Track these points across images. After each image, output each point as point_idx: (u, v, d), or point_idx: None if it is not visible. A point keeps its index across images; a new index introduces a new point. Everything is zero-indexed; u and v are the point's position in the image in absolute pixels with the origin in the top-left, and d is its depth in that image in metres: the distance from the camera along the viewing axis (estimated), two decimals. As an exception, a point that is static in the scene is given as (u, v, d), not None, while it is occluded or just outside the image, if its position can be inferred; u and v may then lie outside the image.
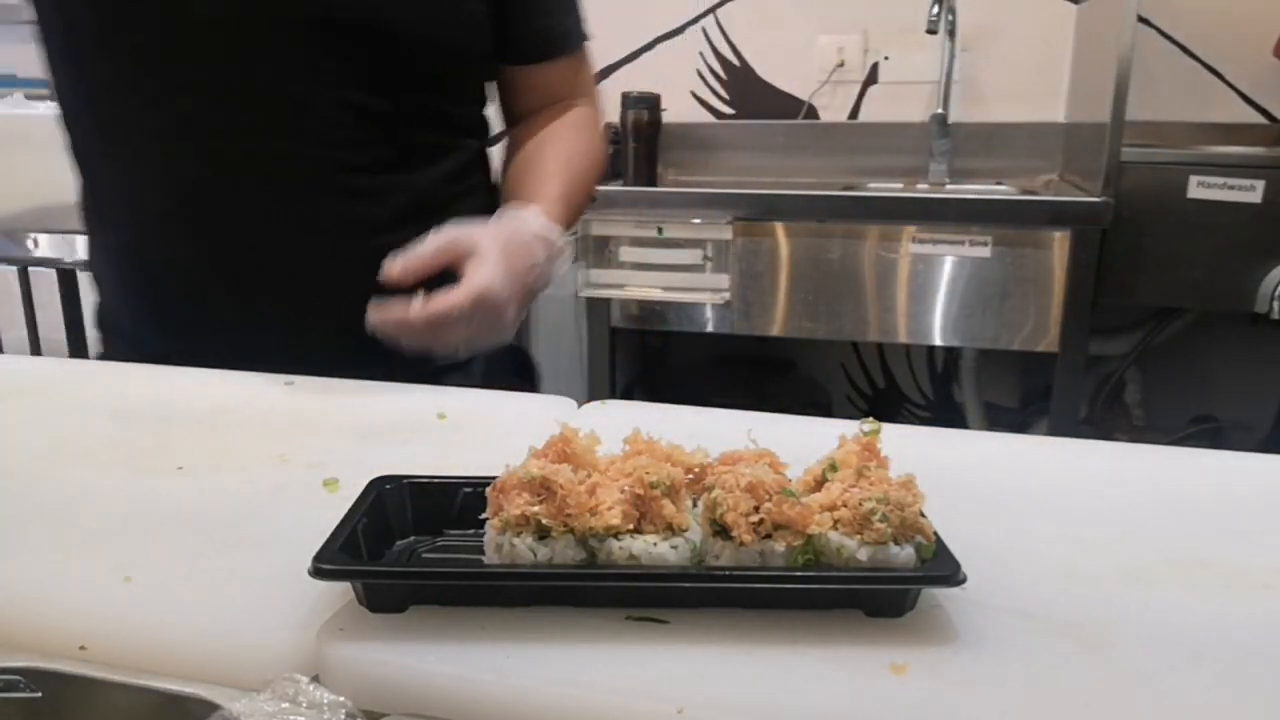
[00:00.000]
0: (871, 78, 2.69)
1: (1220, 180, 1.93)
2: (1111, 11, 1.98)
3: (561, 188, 1.06)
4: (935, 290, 2.14)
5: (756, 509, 0.51)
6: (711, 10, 2.76)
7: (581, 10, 1.15)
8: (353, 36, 0.96)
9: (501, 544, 0.51)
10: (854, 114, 2.72)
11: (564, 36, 1.14)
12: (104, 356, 1.16)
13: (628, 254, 2.29)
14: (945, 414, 2.75)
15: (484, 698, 0.47)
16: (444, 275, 0.89)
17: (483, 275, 0.87)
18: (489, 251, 0.90)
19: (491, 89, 1.15)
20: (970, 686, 0.47)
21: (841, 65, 2.69)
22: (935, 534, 0.52)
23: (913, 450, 0.59)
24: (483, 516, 0.53)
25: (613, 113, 2.62)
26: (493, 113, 1.16)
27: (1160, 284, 2.04)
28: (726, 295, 2.25)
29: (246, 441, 0.76)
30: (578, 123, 1.15)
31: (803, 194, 2.26)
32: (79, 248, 2.07)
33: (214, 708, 0.46)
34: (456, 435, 0.79)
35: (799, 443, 0.60)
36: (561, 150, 1.12)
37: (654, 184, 2.54)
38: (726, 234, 2.22)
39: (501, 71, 1.13)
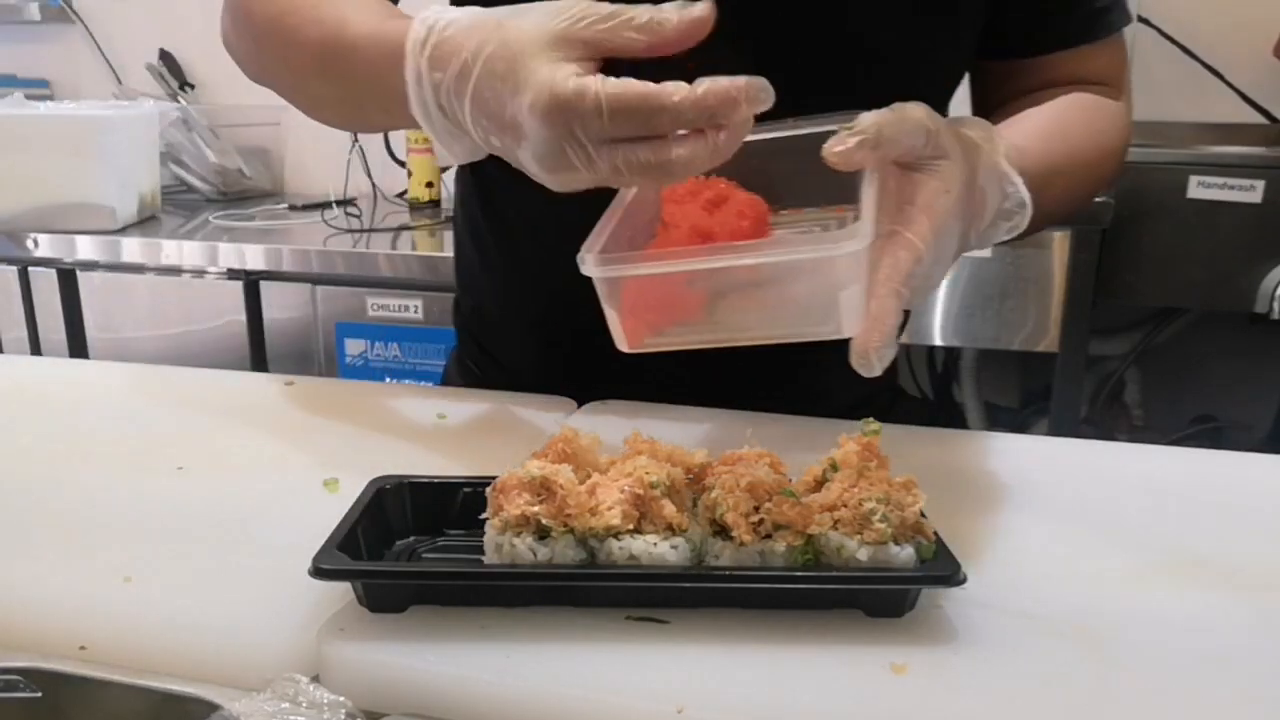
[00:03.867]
0: (871, 78, 2.69)
1: (1220, 180, 1.93)
2: (1111, 11, 1.97)
3: (1044, 139, 0.78)
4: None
5: (756, 509, 0.52)
6: (711, 10, 2.76)
7: None
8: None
9: (501, 544, 0.51)
10: (854, 114, 2.72)
11: (1078, 21, 0.86)
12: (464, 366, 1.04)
13: (628, 254, 2.29)
14: (945, 414, 2.75)
15: (484, 698, 0.47)
16: None
17: (943, 205, 0.61)
18: (953, 178, 0.63)
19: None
20: (970, 686, 0.47)
21: (842, 65, 2.69)
22: (935, 534, 0.52)
23: (913, 450, 0.59)
24: (483, 516, 0.53)
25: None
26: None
27: (1160, 284, 2.03)
28: (726, 295, 2.24)
29: (246, 441, 0.76)
30: (1084, 100, 0.86)
31: (803, 194, 2.25)
32: (79, 248, 2.08)
33: (214, 708, 0.46)
34: (456, 435, 0.79)
35: (799, 443, 0.60)
36: (1056, 112, 0.83)
37: (654, 184, 2.54)
38: (726, 234, 2.21)
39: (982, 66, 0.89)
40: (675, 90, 0.54)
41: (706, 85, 0.54)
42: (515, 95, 0.56)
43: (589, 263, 0.56)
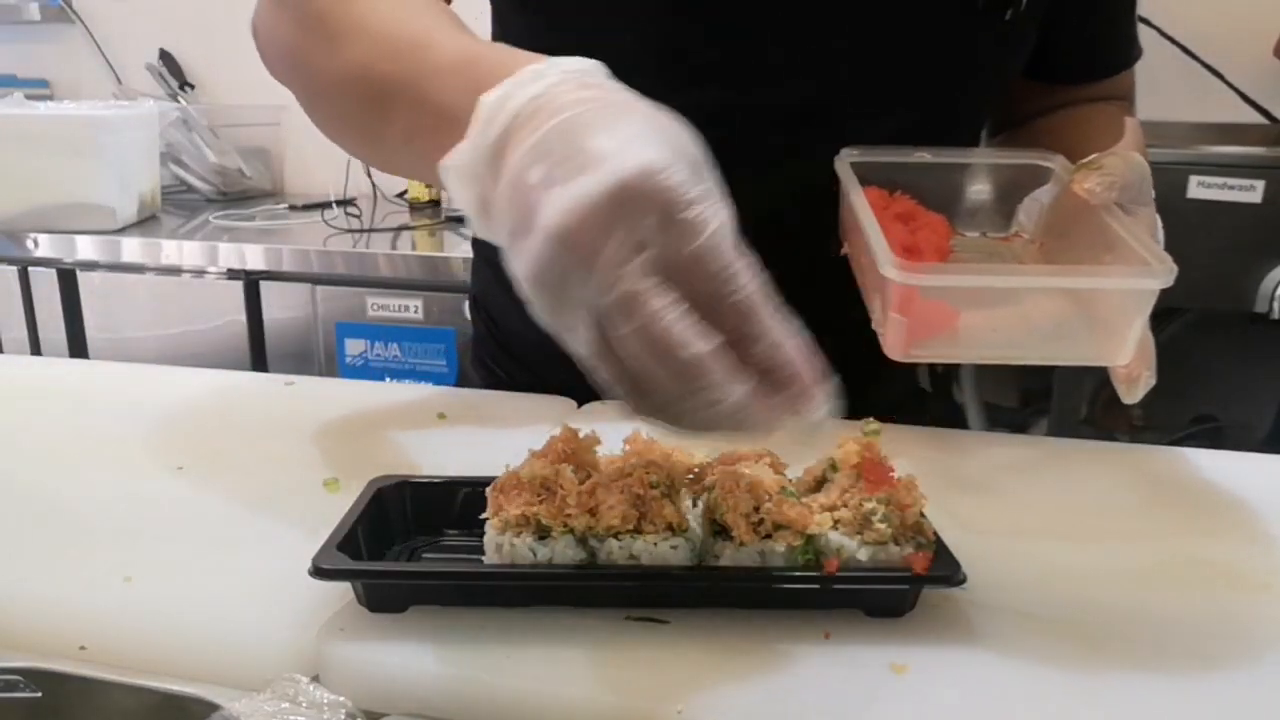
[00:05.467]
0: (871, 78, 2.69)
1: (1220, 180, 1.93)
2: (1111, 11, 1.97)
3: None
4: (935, 290, 2.13)
5: (756, 509, 0.52)
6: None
7: (1135, 18, 0.92)
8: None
9: (501, 544, 0.51)
10: (854, 114, 2.72)
11: (1114, 54, 0.92)
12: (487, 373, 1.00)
13: (628, 254, 2.28)
14: (945, 414, 2.74)
15: (484, 698, 0.47)
16: None
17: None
18: (1153, 223, 0.68)
19: None
20: (970, 686, 0.47)
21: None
22: (935, 534, 0.52)
23: (913, 450, 0.59)
24: (483, 516, 0.53)
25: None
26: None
27: (1160, 284, 2.03)
28: (727, 295, 2.24)
29: (246, 441, 0.76)
30: (1113, 111, 0.90)
31: (803, 194, 2.25)
32: (79, 248, 2.08)
33: (214, 708, 0.46)
34: (456, 435, 0.79)
35: (799, 443, 0.60)
36: (1110, 126, 0.86)
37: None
38: (726, 234, 2.21)
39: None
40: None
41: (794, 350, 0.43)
42: (581, 164, 0.41)
43: (893, 267, 0.55)
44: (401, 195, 2.38)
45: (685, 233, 0.41)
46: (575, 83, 0.47)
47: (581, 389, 0.86)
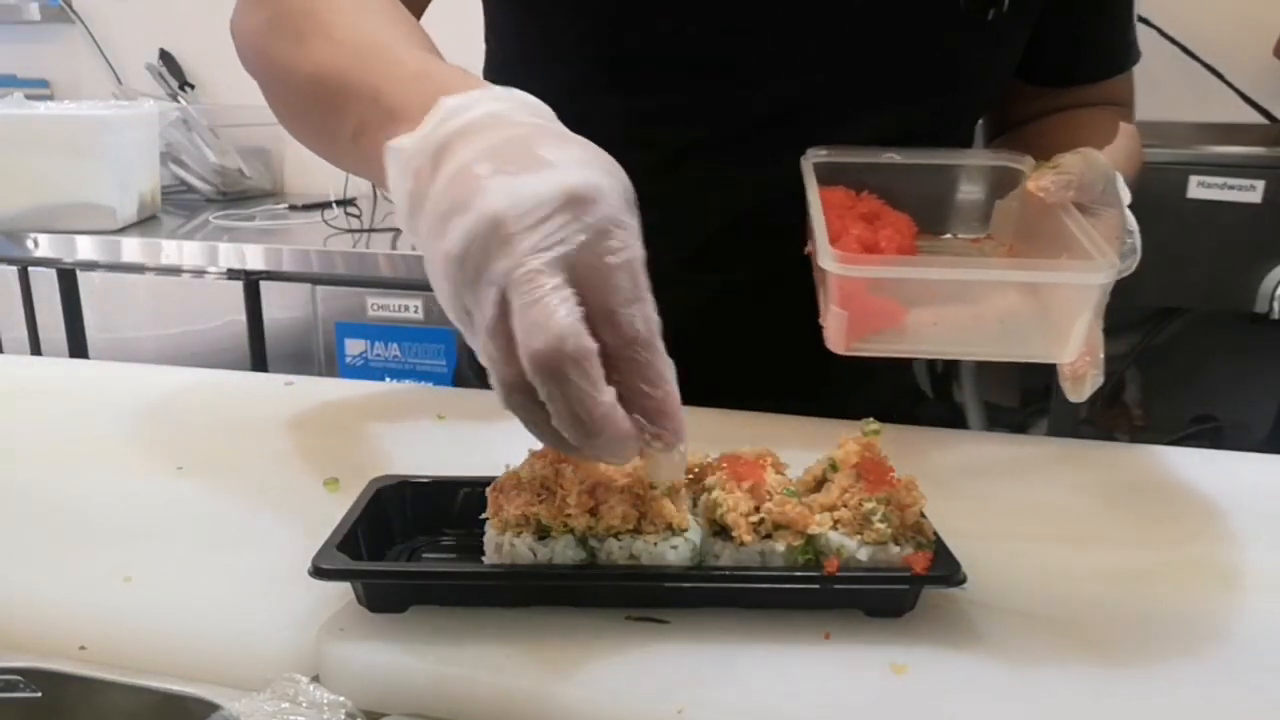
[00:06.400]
0: (871, 78, 2.68)
1: (1220, 180, 1.92)
2: (1111, 11, 1.97)
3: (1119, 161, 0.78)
4: (935, 290, 2.13)
5: (757, 509, 0.52)
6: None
7: (1133, 23, 0.91)
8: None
9: (501, 544, 0.51)
10: (854, 114, 2.71)
11: (1108, 57, 0.91)
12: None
13: (628, 254, 2.28)
14: (945, 414, 2.74)
15: (484, 698, 0.47)
16: None
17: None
18: (1118, 226, 0.67)
19: None
20: (970, 686, 0.47)
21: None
22: (935, 534, 0.52)
23: (912, 450, 0.59)
24: (483, 516, 0.53)
25: (613, 113, 2.60)
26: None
27: (1160, 284, 2.03)
28: (726, 295, 2.24)
29: (246, 441, 0.76)
30: (1127, 129, 0.88)
31: (803, 194, 2.25)
32: (79, 248, 2.08)
33: (214, 708, 0.46)
34: (456, 435, 0.79)
35: (799, 443, 0.60)
36: (1101, 129, 0.86)
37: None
38: (726, 234, 2.21)
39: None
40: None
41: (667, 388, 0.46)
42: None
43: (831, 259, 0.55)
44: (401, 195, 2.38)
45: (609, 248, 0.44)
46: (530, 111, 0.51)
47: None
